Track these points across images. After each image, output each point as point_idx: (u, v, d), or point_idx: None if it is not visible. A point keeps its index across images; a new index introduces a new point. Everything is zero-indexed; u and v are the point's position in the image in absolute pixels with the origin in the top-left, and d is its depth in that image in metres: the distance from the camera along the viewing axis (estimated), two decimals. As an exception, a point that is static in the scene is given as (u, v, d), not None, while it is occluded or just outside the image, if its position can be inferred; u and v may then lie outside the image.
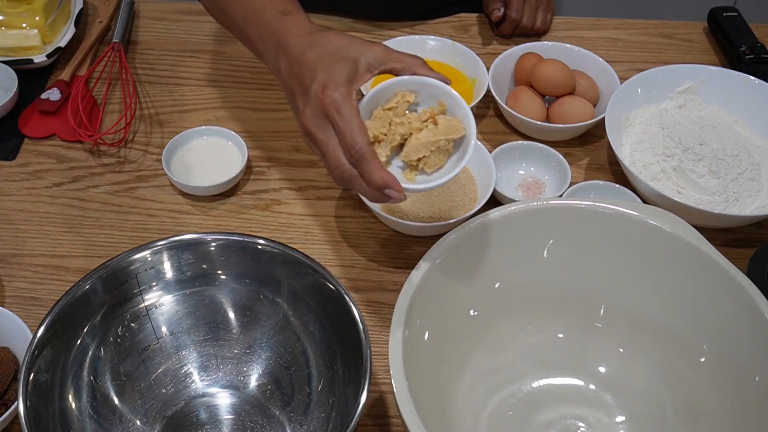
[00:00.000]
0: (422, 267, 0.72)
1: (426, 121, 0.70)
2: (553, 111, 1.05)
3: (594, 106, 1.06)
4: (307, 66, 0.73)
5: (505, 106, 1.05)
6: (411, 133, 0.71)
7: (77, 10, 1.17)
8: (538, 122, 1.03)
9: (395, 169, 0.72)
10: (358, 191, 0.72)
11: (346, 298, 0.73)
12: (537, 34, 1.21)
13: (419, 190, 0.71)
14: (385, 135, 0.71)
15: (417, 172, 0.71)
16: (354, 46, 0.74)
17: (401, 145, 0.71)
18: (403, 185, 0.68)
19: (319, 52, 0.73)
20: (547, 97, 1.08)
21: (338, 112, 0.69)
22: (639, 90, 1.04)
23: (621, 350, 0.81)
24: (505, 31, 1.19)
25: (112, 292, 0.77)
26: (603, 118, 1.00)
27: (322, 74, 0.71)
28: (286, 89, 0.76)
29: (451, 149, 0.71)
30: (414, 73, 0.73)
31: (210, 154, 1.01)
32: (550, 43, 1.13)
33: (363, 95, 0.72)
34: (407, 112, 0.71)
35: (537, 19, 1.19)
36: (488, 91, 1.07)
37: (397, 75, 0.73)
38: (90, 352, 0.76)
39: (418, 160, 0.71)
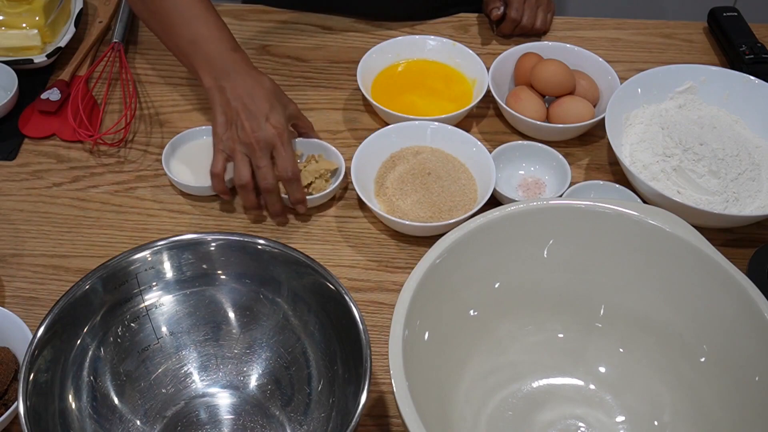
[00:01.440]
0: (422, 267, 0.72)
1: (309, 161, 0.99)
2: (553, 111, 1.05)
3: (594, 106, 1.06)
4: (258, 99, 0.94)
5: (505, 106, 1.05)
6: (301, 170, 0.96)
7: (77, 10, 1.17)
8: (538, 122, 1.03)
9: None
10: (269, 202, 0.94)
11: (346, 298, 0.73)
12: (537, 34, 1.21)
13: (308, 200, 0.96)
14: None
15: (309, 192, 0.97)
16: (282, 95, 0.98)
17: None
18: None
19: (265, 92, 0.95)
20: (547, 97, 1.08)
21: (283, 143, 0.93)
22: (639, 90, 1.04)
23: (621, 350, 0.81)
24: (505, 30, 1.19)
25: (112, 292, 0.77)
26: (603, 118, 1.00)
27: (273, 113, 0.94)
28: (227, 106, 0.94)
29: (329, 179, 0.99)
30: (308, 135, 1.02)
31: (210, 154, 1.01)
32: (550, 43, 1.13)
33: None
34: (298, 161, 0.98)
35: (537, 19, 1.19)
36: (488, 91, 1.07)
37: (298, 131, 1.01)
38: (90, 352, 0.76)
39: (308, 185, 0.97)
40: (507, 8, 1.18)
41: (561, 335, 0.82)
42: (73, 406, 0.73)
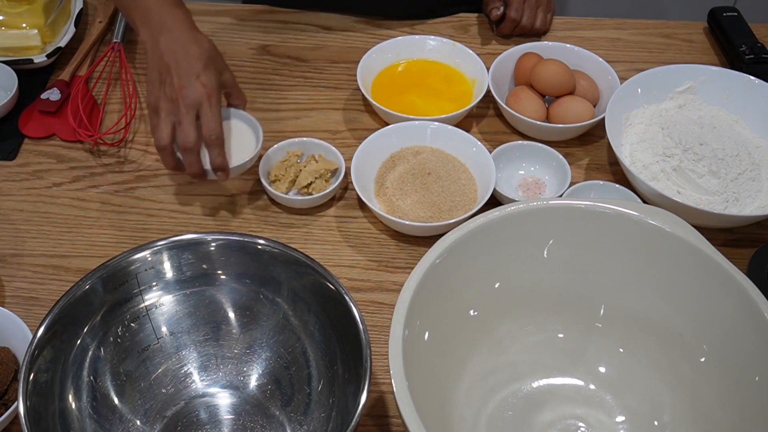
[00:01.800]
0: (422, 267, 0.72)
1: (309, 161, 0.99)
2: (553, 111, 1.05)
3: (594, 106, 1.06)
4: (192, 57, 0.90)
5: (505, 106, 1.05)
6: (300, 170, 0.98)
7: (77, 10, 1.17)
8: (538, 122, 1.03)
9: (294, 194, 0.98)
10: (187, 162, 0.90)
11: (346, 298, 0.73)
12: (537, 34, 1.21)
13: (308, 200, 0.97)
14: (284, 174, 0.98)
15: (308, 192, 0.97)
16: (220, 60, 0.95)
17: (295, 181, 0.98)
18: (300, 198, 0.97)
19: (201, 51, 0.91)
20: (547, 97, 1.08)
21: (211, 104, 0.90)
22: (639, 90, 1.04)
23: (621, 350, 0.81)
24: (504, 30, 1.19)
25: (112, 292, 0.77)
26: (603, 118, 1.00)
27: (206, 72, 0.90)
28: (160, 62, 0.91)
29: (329, 179, 0.98)
30: (236, 107, 0.99)
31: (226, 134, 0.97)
32: (550, 43, 1.13)
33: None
34: (297, 161, 1.00)
35: (537, 19, 1.19)
36: (488, 91, 1.07)
37: (229, 101, 0.98)
38: (90, 352, 0.76)
39: (308, 185, 0.97)
40: (507, 8, 1.18)
41: (561, 335, 0.82)
42: (73, 406, 0.73)
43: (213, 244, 0.79)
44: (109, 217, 0.98)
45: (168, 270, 0.79)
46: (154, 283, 0.79)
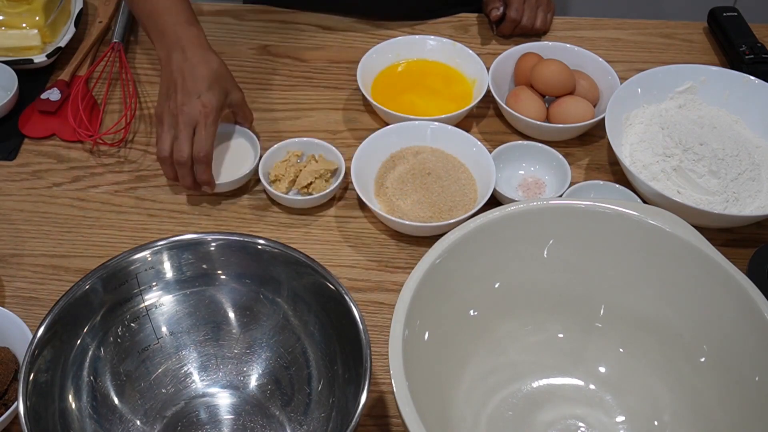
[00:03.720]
0: (422, 267, 0.72)
1: (309, 161, 1.00)
2: (553, 111, 1.05)
3: (594, 106, 1.06)
4: (198, 77, 0.95)
5: (505, 106, 1.05)
6: (300, 170, 0.98)
7: (77, 10, 1.17)
8: (538, 122, 1.03)
9: (294, 194, 0.98)
10: (180, 175, 0.95)
11: (346, 298, 0.73)
12: (537, 34, 1.21)
13: (308, 200, 0.97)
14: (284, 174, 0.98)
15: (309, 192, 0.98)
16: (228, 80, 0.99)
17: (295, 181, 0.98)
18: (300, 197, 0.97)
19: (209, 72, 0.96)
20: (547, 97, 1.08)
21: (207, 123, 0.94)
22: (639, 90, 1.04)
23: (621, 350, 0.81)
24: (504, 30, 1.19)
25: (112, 292, 0.77)
26: (603, 118, 1.00)
27: (208, 93, 0.95)
28: (170, 78, 0.96)
29: (329, 179, 0.99)
30: (241, 125, 1.03)
31: (224, 152, 1.02)
32: (551, 43, 1.13)
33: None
34: (298, 161, 1.00)
35: (537, 19, 1.19)
36: (488, 91, 1.07)
37: (236, 119, 1.03)
38: (90, 352, 0.76)
39: (308, 185, 0.97)
40: (507, 8, 1.18)
41: (561, 335, 0.82)
42: (73, 406, 0.73)
43: (213, 244, 0.79)
44: (109, 217, 0.98)
45: (168, 270, 0.79)
46: (154, 283, 0.79)
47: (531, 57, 1.10)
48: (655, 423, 0.77)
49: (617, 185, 0.97)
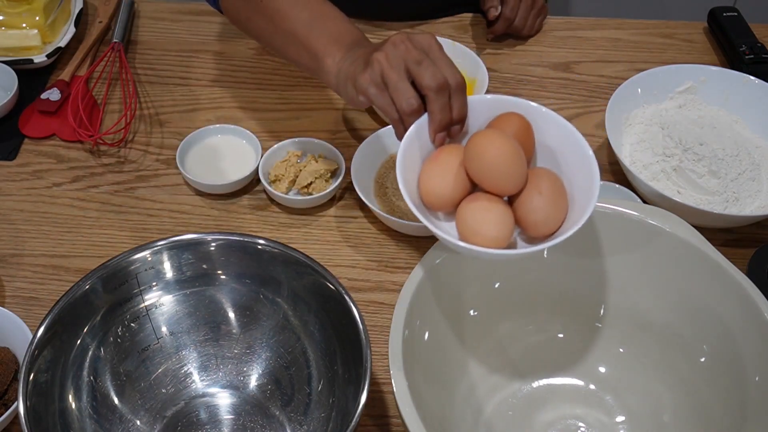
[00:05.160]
0: (422, 267, 0.72)
1: (309, 161, 0.99)
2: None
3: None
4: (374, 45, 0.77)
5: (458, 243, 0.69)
6: (300, 170, 0.98)
7: (77, 10, 1.17)
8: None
9: (294, 194, 0.98)
10: (441, 107, 0.70)
11: (346, 298, 0.73)
12: (526, 37, 1.20)
13: (308, 200, 0.97)
14: (284, 174, 0.98)
15: (309, 192, 0.97)
16: None
17: (295, 181, 0.98)
18: (300, 197, 0.96)
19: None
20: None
21: (438, 49, 0.72)
22: (639, 90, 1.04)
23: (621, 350, 0.81)
24: (497, 30, 1.19)
25: (112, 292, 0.77)
26: (603, 112, 1.00)
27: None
28: (356, 66, 0.77)
29: (329, 179, 0.99)
30: None
31: (225, 152, 1.02)
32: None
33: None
34: (298, 161, 1.00)
35: (528, 20, 1.18)
36: (488, 91, 1.07)
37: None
38: (90, 352, 0.76)
39: (308, 185, 0.97)
40: (503, 6, 1.18)
41: (561, 335, 0.82)
42: (73, 406, 0.73)
43: (213, 244, 0.79)
44: (109, 217, 0.98)
45: (168, 270, 0.79)
46: (154, 283, 0.79)
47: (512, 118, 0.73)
48: (655, 423, 0.77)
49: (617, 185, 0.97)
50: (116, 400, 0.77)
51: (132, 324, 0.79)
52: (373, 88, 0.74)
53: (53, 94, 1.08)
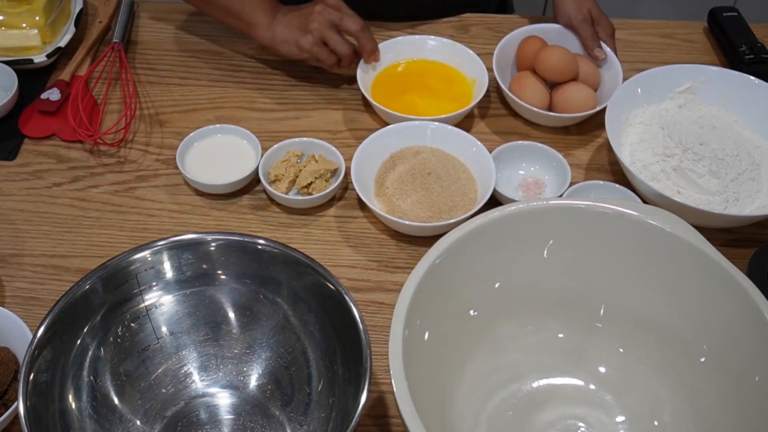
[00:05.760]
0: (422, 267, 0.72)
1: (309, 161, 1.00)
2: (557, 98, 1.06)
3: (595, 91, 1.07)
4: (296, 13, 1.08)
5: (509, 93, 1.05)
6: (300, 170, 0.98)
7: (77, 10, 1.17)
8: (543, 111, 1.04)
9: (294, 194, 0.98)
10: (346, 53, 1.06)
11: (346, 298, 0.73)
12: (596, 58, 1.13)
13: (308, 200, 0.97)
14: (284, 174, 0.98)
15: (308, 192, 0.98)
16: None
17: (295, 181, 0.98)
18: (300, 197, 0.97)
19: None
20: (548, 82, 1.08)
21: (346, 13, 1.06)
22: (639, 90, 1.04)
23: (621, 350, 0.81)
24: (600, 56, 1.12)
25: (112, 292, 0.77)
26: (604, 110, 1.00)
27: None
28: (292, 31, 1.06)
29: (329, 179, 0.99)
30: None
31: (225, 152, 1.02)
32: (555, 26, 1.14)
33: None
34: (298, 161, 1.00)
35: (610, 43, 1.13)
36: (488, 91, 1.07)
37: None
38: (90, 352, 0.76)
39: (308, 185, 0.97)
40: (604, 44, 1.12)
41: (561, 335, 0.82)
42: (73, 406, 0.73)
43: (213, 244, 0.79)
44: (109, 217, 0.98)
45: (168, 270, 0.79)
46: (154, 283, 0.79)
47: (533, 41, 1.10)
48: (655, 423, 0.77)
49: (617, 185, 0.97)
50: (116, 400, 0.77)
51: (132, 324, 0.79)
52: (316, 47, 1.06)
53: (53, 94, 1.08)
